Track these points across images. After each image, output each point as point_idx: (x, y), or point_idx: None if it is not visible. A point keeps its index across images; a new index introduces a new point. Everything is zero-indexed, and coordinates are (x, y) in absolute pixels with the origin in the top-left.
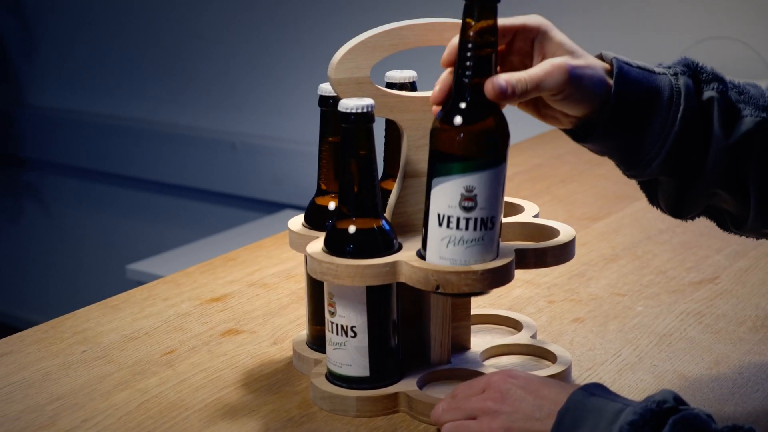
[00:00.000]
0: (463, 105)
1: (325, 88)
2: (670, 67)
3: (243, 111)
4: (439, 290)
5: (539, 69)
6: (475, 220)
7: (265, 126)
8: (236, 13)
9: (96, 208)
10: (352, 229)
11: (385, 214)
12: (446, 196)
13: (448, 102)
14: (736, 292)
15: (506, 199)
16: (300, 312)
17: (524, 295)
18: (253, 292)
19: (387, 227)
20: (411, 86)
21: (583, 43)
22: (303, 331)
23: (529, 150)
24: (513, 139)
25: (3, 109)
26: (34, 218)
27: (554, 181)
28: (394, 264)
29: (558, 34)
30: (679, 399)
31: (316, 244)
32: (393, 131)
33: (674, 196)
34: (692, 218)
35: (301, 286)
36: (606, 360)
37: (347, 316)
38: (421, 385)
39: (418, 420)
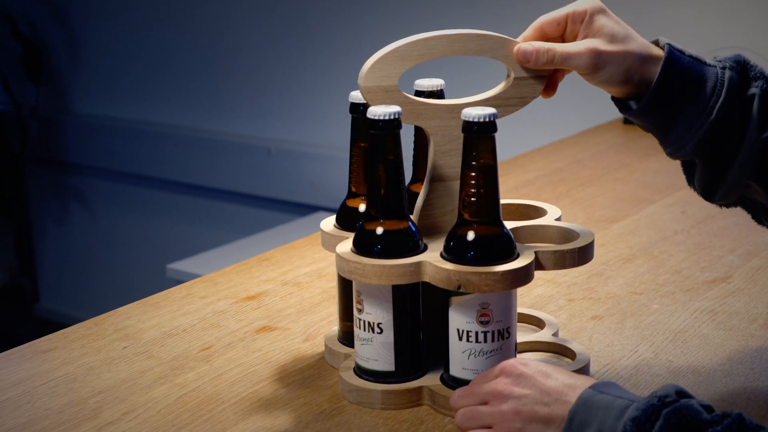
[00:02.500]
0: (471, 233)
1: (356, 96)
2: (721, 61)
3: (278, 118)
4: (461, 290)
5: (573, 46)
6: (492, 332)
7: (298, 132)
8: (270, 22)
9: (138, 211)
10: (379, 230)
11: (411, 217)
12: (464, 313)
13: (453, 231)
14: (749, 291)
15: (530, 202)
16: (331, 309)
17: (545, 293)
18: (286, 290)
19: (413, 229)
20: (439, 94)
21: None
22: (334, 327)
23: (550, 155)
24: (534, 144)
25: (50, 116)
26: (79, 220)
27: (574, 185)
28: (418, 264)
29: (602, 18)
30: (681, 392)
31: (346, 244)
32: (421, 137)
33: (707, 181)
34: (726, 205)
35: (332, 285)
36: (623, 356)
37: (374, 313)
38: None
39: (441, 413)
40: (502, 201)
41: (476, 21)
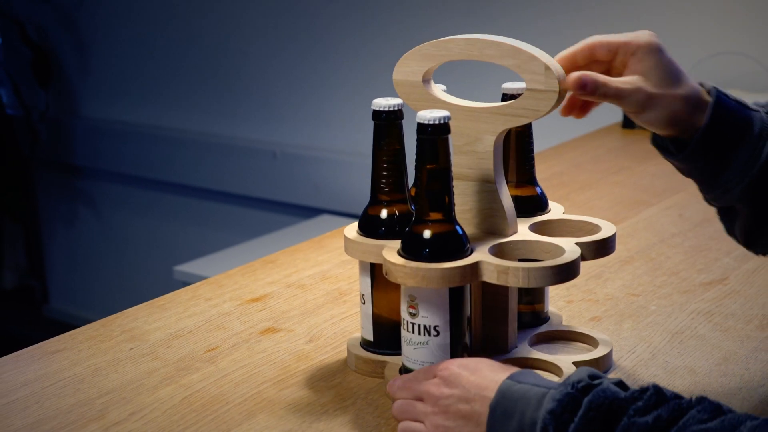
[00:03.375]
0: (420, 229)
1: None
2: (764, 106)
3: (283, 122)
4: (387, 275)
5: (624, 84)
6: (419, 326)
7: (304, 136)
8: (276, 28)
9: (145, 213)
10: (383, 213)
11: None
12: (403, 301)
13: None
14: (744, 292)
15: (583, 218)
16: (334, 311)
17: None
18: (290, 292)
19: (394, 216)
20: None
21: None
22: None
23: (550, 159)
24: (537, 148)
25: (59, 120)
26: (87, 223)
27: (574, 188)
28: (380, 247)
29: (656, 57)
30: (594, 375)
31: (353, 227)
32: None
33: (751, 228)
34: (764, 254)
35: (336, 287)
36: (621, 356)
37: (361, 285)
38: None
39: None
40: (567, 217)
41: (475, 27)
